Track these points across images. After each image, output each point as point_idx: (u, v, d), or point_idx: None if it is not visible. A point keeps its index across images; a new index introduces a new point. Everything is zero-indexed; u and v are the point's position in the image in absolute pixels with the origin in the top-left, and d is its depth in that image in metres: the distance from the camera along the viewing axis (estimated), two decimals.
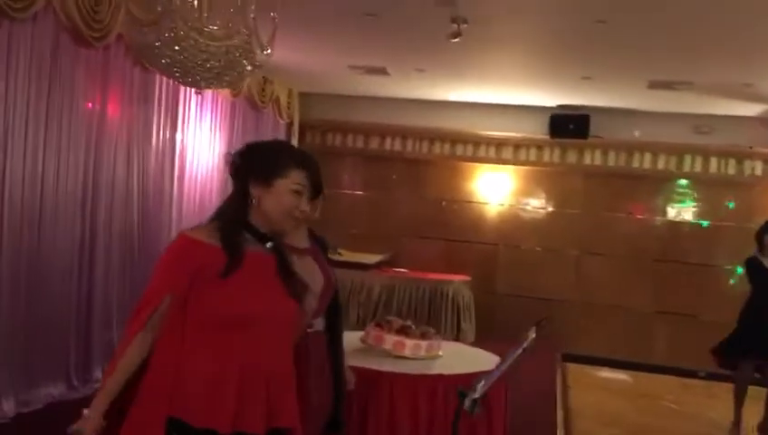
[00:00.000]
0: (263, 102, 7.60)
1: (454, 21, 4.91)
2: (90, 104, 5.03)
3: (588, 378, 7.43)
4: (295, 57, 6.80)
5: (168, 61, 3.56)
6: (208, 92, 6.65)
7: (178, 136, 6.27)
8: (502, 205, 8.56)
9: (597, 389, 7.06)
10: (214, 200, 6.65)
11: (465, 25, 4.98)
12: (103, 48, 4.98)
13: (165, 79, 5.49)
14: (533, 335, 2.17)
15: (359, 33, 5.59)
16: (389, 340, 3.34)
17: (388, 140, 8.73)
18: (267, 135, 8.03)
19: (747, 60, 5.45)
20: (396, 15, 4.98)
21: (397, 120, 8.55)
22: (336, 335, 2.63)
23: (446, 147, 8.60)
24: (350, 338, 3.77)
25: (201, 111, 6.66)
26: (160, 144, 5.96)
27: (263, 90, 7.60)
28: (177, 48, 3.49)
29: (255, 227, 2.02)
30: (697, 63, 5.79)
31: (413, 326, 3.43)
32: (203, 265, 1.91)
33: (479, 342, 8.04)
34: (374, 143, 8.78)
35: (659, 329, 8.09)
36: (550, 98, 7.77)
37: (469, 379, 3.29)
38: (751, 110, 7.32)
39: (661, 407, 6.51)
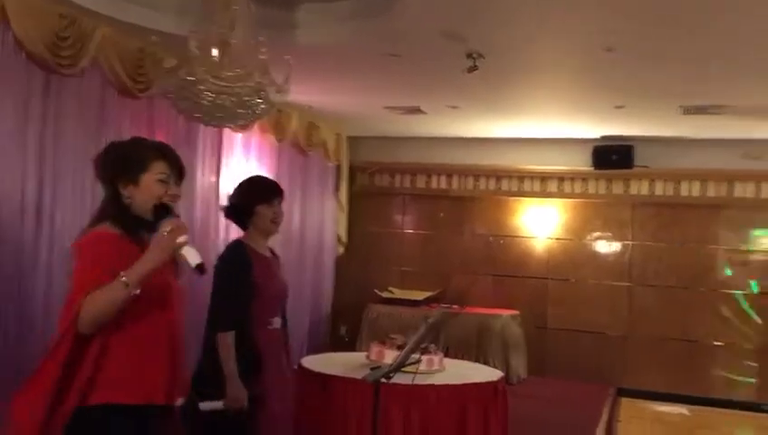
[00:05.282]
0: (309, 146, 7.94)
1: (469, 55, 5.11)
2: None
3: (641, 412, 7.25)
4: (336, 102, 7.13)
5: (187, 104, 3.90)
6: (254, 137, 7.05)
7: (222, 181, 6.58)
8: (549, 238, 8.56)
9: (648, 422, 6.90)
10: None
11: (483, 59, 5.18)
12: (147, 99, 5.43)
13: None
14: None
15: (386, 74, 5.81)
16: (390, 355, 3.47)
17: (435, 179, 8.93)
18: (314, 178, 8.35)
19: None
20: (415, 54, 5.18)
21: (441, 158, 8.76)
22: (286, 335, 2.96)
23: (491, 182, 8.73)
24: (357, 356, 3.94)
25: (246, 156, 6.99)
26: (205, 189, 6.31)
27: (309, 134, 7.95)
28: (193, 91, 3.82)
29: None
30: (733, 87, 5.70)
31: None
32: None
33: (531, 377, 8.02)
34: (421, 182, 8.99)
35: (718, 361, 7.81)
36: (591, 129, 7.79)
37: (460, 389, 3.41)
38: None
39: None
